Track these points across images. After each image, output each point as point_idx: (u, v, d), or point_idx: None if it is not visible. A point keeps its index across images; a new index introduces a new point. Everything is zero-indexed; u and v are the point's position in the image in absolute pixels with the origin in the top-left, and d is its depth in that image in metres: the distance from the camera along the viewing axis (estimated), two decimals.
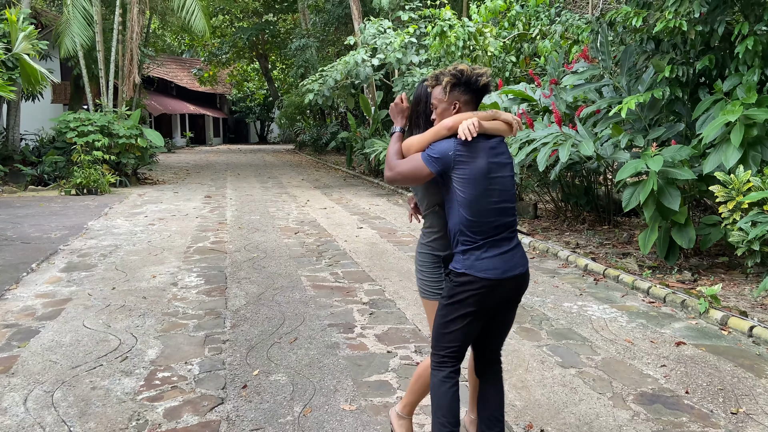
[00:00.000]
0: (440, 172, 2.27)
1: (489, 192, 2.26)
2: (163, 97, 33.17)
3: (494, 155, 2.30)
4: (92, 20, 12.97)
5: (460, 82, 2.33)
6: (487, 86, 2.37)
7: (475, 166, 2.25)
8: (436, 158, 2.26)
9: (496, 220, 2.28)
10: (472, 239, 2.27)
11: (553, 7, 11.02)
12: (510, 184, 2.34)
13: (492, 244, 2.27)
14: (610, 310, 4.75)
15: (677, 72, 5.96)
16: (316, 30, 22.26)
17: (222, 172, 17.71)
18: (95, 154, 11.82)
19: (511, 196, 2.33)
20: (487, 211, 2.26)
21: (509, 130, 2.37)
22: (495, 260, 2.27)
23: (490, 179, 2.26)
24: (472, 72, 2.34)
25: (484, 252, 2.27)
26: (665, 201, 5.48)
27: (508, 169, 2.34)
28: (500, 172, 2.30)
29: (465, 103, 2.36)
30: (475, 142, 2.26)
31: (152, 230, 7.96)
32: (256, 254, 6.58)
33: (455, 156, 2.25)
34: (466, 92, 2.35)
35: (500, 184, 2.29)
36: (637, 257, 6.43)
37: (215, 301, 4.84)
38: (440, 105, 2.37)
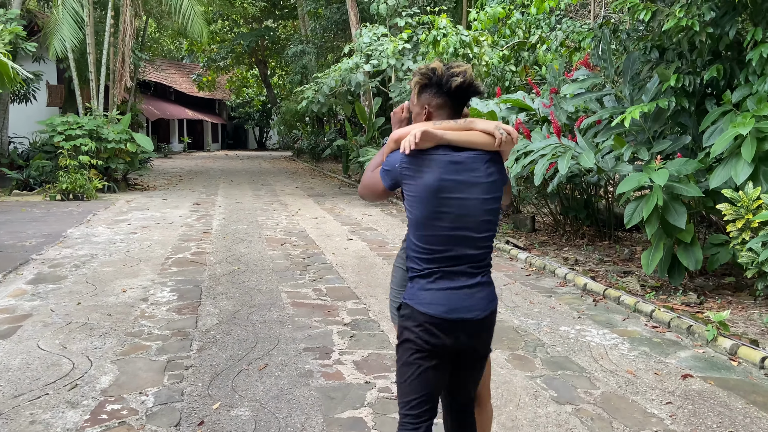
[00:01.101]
0: (392, 187, 1.96)
1: (439, 215, 1.87)
2: (161, 102, 32.89)
3: (455, 171, 1.88)
4: (83, 22, 12.69)
5: (431, 82, 1.96)
6: (462, 89, 1.94)
7: (421, 183, 1.87)
8: (387, 171, 1.95)
9: (450, 249, 1.88)
10: (419, 266, 1.91)
11: (553, 15, 10.75)
12: (476, 209, 1.90)
13: (444, 275, 1.89)
14: (611, 335, 4.41)
15: (683, 81, 5.64)
16: (315, 36, 22.02)
17: (215, 178, 17.39)
18: (82, 158, 11.50)
19: (477, 224, 1.89)
20: (436, 238, 1.88)
21: (491, 142, 1.92)
22: (442, 294, 1.88)
23: (440, 200, 1.87)
24: (444, 71, 1.94)
25: (430, 282, 1.89)
26: (670, 218, 5.16)
27: (477, 191, 1.89)
28: (461, 192, 1.88)
29: (437, 107, 1.97)
30: (426, 155, 1.88)
31: (132, 239, 7.62)
32: (237, 267, 6.24)
33: (401, 170, 1.91)
34: (438, 95, 1.96)
35: (458, 207, 1.87)
36: (639, 276, 6.10)
37: (185, 319, 4.50)
38: (413, 110, 2.04)
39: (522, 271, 6.45)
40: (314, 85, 12.24)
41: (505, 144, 1.92)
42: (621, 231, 8.30)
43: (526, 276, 6.20)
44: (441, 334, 1.87)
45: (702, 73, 5.74)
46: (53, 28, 12.13)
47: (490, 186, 1.90)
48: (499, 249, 7.41)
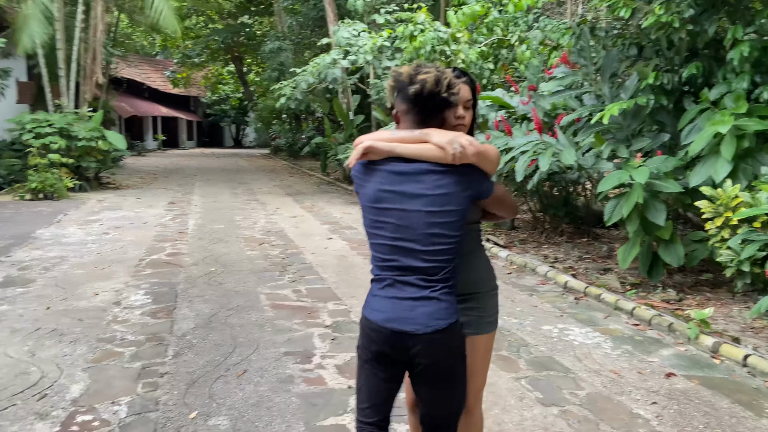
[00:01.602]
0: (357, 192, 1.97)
1: (378, 225, 1.85)
2: (135, 99, 32.29)
3: (398, 182, 1.82)
4: (53, 17, 12.34)
5: (398, 87, 1.88)
6: (420, 97, 1.82)
7: (364, 192, 1.88)
8: (353, 177, 1.96)
9: (393, 260, 1.83)
10: (374, 272, 1.91)
11: (531, 13, 10.75)
12: (418, 222, 1.80)
13: (394, 284, 1.83)
14: (593, 334, 4.39)
15: (662, 79, 5.65)
16: (292, 33, 21.80)
17: (191, 176, 17.11)
18: (52, 157, 11.18)
19: (421, 237, 1.80)
20: (380, 247, 1.86)
21: (442, 156, 1.80)
22: (386, 302, 1.83)
23: (378, 210, 1.84)
24: (408, 76, 1.84)
25: (380, 288, 1.86)
26: (650, 215, 5.16)
27: (420, 203, 1.80)
28: (400, 203, 1.81)
29: (403, 113, 1.89)
30: (374, 165, 1.86)
31: (105, 240, 7.42)
32: (214, 268, 6.10)
33: (355, 178, 1.93)
34: (402, 101, 1.88)
35: (397, 218, 1.81)
36: (618, 273, 6.11)
37: (160, 324, 4.36)
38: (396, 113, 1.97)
39: (503, 269, 6.42)
40: (292, 82, 12.08)
41: (460, 160, 1.79)
42: (599, 228, 8.33)
43: (508, 274, 6.17)
44: (379, 341, 1.83)
45: (680, 71, 5.76)
46: (22, 23, 11.77)
47: (436, 199, 1.79)
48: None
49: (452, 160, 1.78)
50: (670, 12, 5.29)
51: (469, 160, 1.80)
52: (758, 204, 4.36)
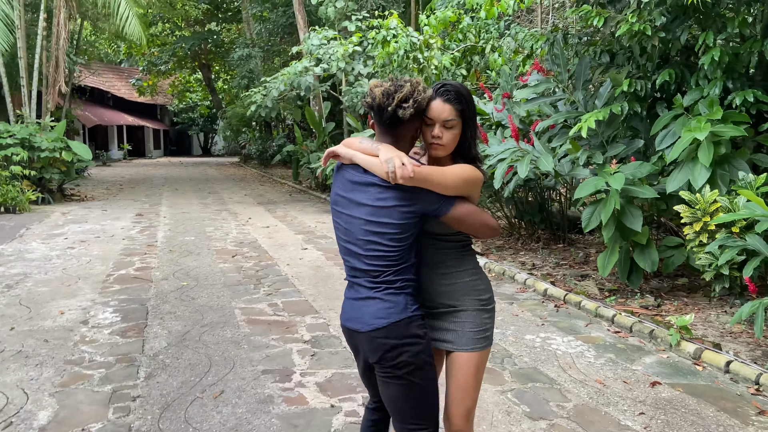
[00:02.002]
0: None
1: (335, 225, 2.04)
2: (99, 108, 31.61)
3: (350, 190, 1.97)
4: (14, 25, 11.95)
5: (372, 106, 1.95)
6: (372, 108, 1.93)
7: (331, 196, 2.08)
8: None
9: (347, 260, 2.01)
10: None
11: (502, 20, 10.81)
12: (358, 228, 1.93)
13: (351, 284, 2.02)
14: (576, 342, 4.35)
15: (635, 86, 5.70)
16: (261, 40, 21.58)
17: (159, 187, 16.74)
18: (13, 169, 10.79)
19: (360, 242, 1.93)
20: (339, 247, 2.04)
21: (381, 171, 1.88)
22: (345, 302, 2.04)
23: (335, 212, 2.03)
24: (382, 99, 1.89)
25: (346, 289, 2.06)
26: (626, 221, 5.18)
27: (362, 211, 1.92)
28: (349, 210, 1.96)
29: (379, 133, 1.99)
30: (341, 170, 2.02)
31: (70, 255, 7.14)
32: (186, 282, 5.91)
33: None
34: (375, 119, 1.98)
35: (345, 223, 1.98)
36: (596, 279, 6.12)
37: (130, 343, 4.17)
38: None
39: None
40: (262, 90, 11.91)
41: (393, 179, 1.84)
42: (574, 233, 8.38)
43: None
44: (346, 339, 2.06)
45: (653, 78, 5.81)
46: None
47: (377, 210, 1.90)
48: None
49: (386, 178, 1.86)
50: (643, 20, 5.33)
51: (400, 182, 1.84)
52: (736, 209, 4.39)
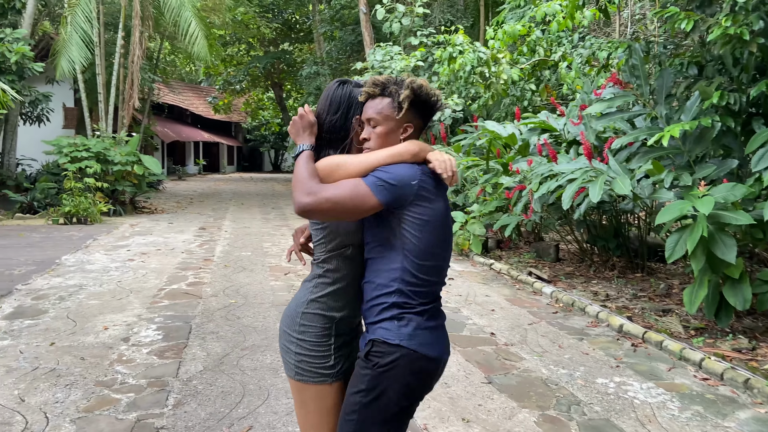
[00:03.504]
0: (391, 204, 1.70)
1: (445, 244, 1.79)
2: (178, 125, 32.90)
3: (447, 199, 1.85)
4: (93, 43, 12.46)
5: (419, 99, 1.81)
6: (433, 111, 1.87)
7: (437, 208, 1.75)
8: (391, 185, 1.68)
9: (441, 282, 1.81)
10: (413, 301, 1.73)
11: (576, 32, 10.25)
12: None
13: (433, 312, 1.77)
14: (657, 390, 3.78)
15: (728, 99, 5.07)
16: (330, 58, 21.78)
17: (226, 201, 17.01)
18: (87, 181, 11.15)
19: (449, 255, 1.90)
20: (436, 269, 1.76)
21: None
22: (436, 334, 1.77)
23: (446, 229, 1.78)
24: (430, 90, 1.83)
25: (426, 320, 1.75)
26: (717, 251, 4.55)
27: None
28: (450, 222, 1.85)
29: (417, 128, 1.85)
30: (440, 179, 1.77)
31: (128, 267, 7.15)
32: (234, 300, 5.71)
33: (419, 189, 1.71)
34: (419, 115, 1.83)
35: (448, 237, 1.82)
36: (680, 315, 5.46)
37: (166, 365, 3.96)
38: (384, 123, 1.79)
39: (548, 307, 5.84)
40: None
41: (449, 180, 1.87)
42: (654, 262, 7.66)
43: (553, 314, 5.59)
44: (433, 377, 1.78)
45: (748, 90, 5.17)
46: (61, 48, 11.91)
47: None
48: (521, 281, 6.81)
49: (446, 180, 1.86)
50: (738, 24, 4.74)
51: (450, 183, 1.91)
52: None
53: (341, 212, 1.69)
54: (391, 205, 1.68)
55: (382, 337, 1.70)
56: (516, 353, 4.42)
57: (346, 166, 1.73)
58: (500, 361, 4.25)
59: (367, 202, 1.66)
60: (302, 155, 1.79)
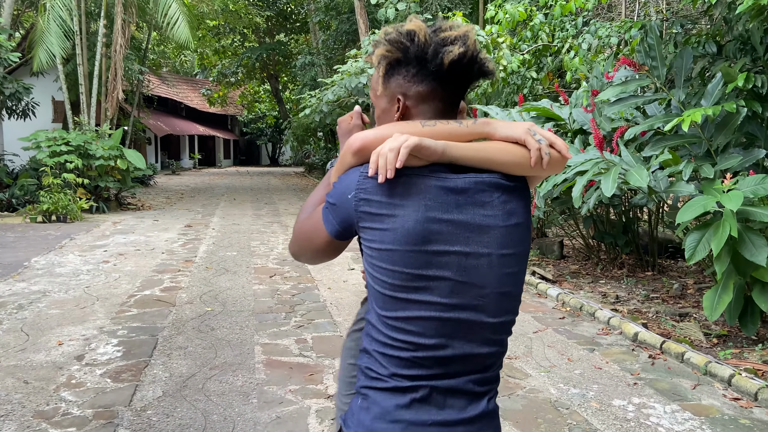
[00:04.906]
0: (340, 234, 1.15)
1: (425, 283, 1.07)
2: (172, 118, 32.30)
3: (454, 206, 1.07)
4: (72, 32, 11.90)
5: (408, 57, 1.15)
6: (462, 66, 1.12)
7: (394, 227, 1.07)
8: (332, 206, 1.15)
9: (439, 346, 1.08)
10: (384, 370, 1.09)
11: (580, 16, 9.70)
12: (490, 273, 1.09)
13: (426, 395, 1.07)
14: (682, 414, 3.29)
15: (754, 81, 4.55)
16: (325, 48, 21.21)
17: (218, 196, 16.49)
18: (67, 176, 10.63)
19: (492, 300, 1.10)
20: (420, 324, 1.07)
21: (523, 161, 1.11)
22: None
23: (428, 255, 1.07)
24: (430, 37, 1.13)
25: (401, 407, 1.07)
26: (746, 252, 4.05)
27: (490, 240, 1.09)
28: (464, 243, 1.07)
29: (420, 99, 1.16)
30: (405, 177, 1.07)
31: (100, 270, 6.64)
32: (211, 308, 5.21)
33: (356, 203, 1.10)
34: (420, 78, 1.15)
35: (458, 270, 1.07)
36: (698, 319, 4.97)
37: (120, 390, 3.46)
38: (377, 104, 1.23)
39: (554, 311, 5.34)
40: (318, 93, 11.31)
41: (551, 165, 1.12)
42: (664, 258, 7.16)
43: (560, 319, 5.10)
44: None
45: None
46: (39, 38, 11.35)
47: (509, 233, 1.10)
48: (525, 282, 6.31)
49: (535, 166, 1.12)
50: None
51: (557, 169, 1.15)
52: None
53: (307, 253, 1.23)
54: (340, 235, 1.15)
55: (341, 419, 1.17)
56: (521, 368, 3.93)
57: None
58: (503, 378, 3.75)
59: (320, 237, 1.18)
60: (327, 173, 1.30)
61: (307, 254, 1.23)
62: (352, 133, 1.29)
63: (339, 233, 1.14)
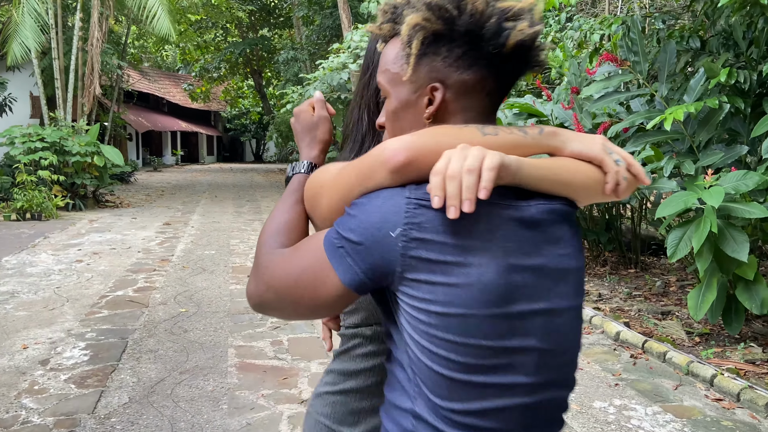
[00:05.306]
0: (363, 285, 0.81)
1: (504, 359, 0.79)
2: (154, 114, 31.88)
3: (533, 247, 0.81)
4: (47, 26, 11.62)
5: (455, 29, 0.82)
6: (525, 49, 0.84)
7: (468, 282, 0.76)
8: (355, 247, 0.79)
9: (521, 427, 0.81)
10: None
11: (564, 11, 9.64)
12: (571, 333, 0.86)
13: None
14: (664, 416, 3.22)
15: (737, 77, 4.50)
16: (309, 43, 21.00)
17: (200, 193, 16.27)
18: (42, 173, 10.38)
19: (569, 364, 0.87)
20: (495, 416, 0.80)
21: (597, 184, 0.88)
22: None
23: (509, 321, 0.78)
24: (484, 6, 0.82)
25: None
26: (727, 248, 4.00)
27: (567, 289, 0.84)
28: (545, 297, 0.81)
29: (461, 91, 0.85)
30: (486, 210, 0.77)
31: (73, 270, 6.46)
32: (185, 309, 5.07)
33: (404, 243, 0.77)
34: (466, 62, 0.83)
35: (542, 335, 0.81)
36: (680, 318, 4.93)
37: (84, 397, 3.32)
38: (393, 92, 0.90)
39: None
40: (301, 89, 11.14)
41: (624, 189, 0.89)
42: (647, 256, 7.14)
43: None
44: None
45: (759, 67, 4.61)
46: (13, 31, 11.06)
47: (581, 276, 0.87)
48: None
49: (608, 193, 0.89)
50: None
51: (626, 195, 0.91)
52: None
53: (304, 309, 0.86)
54: (363, 287, 0.81)
55: None
56: None
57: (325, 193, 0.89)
58: None
59: (325, 287, 0.82)
60: (290, 183, 1.01)
61: (297, 309, 0.86)
62: (319, 128, 1.08)
63: (362, 284, 0.80)
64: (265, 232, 0.93)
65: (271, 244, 0.90)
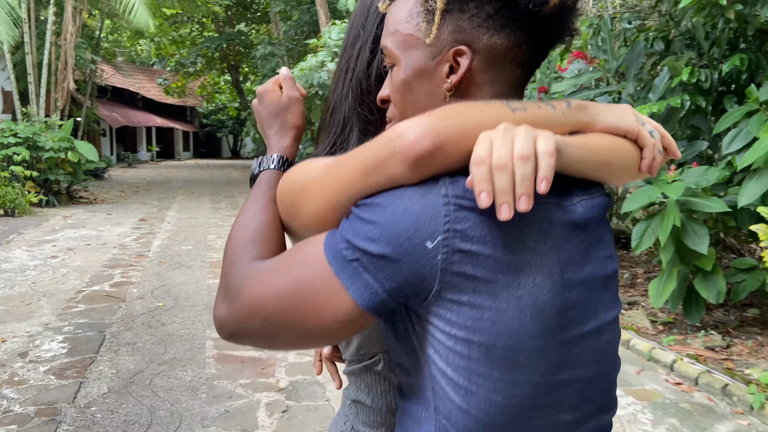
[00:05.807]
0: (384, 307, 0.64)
1: (552, 396, 0.66)
2: (128, 109, 31.49)
3: (583, 254, 0.67)
4: (20, 20, 11.46)
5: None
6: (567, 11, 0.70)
7: (520, 306, 0.62)
8: (373, 258, 0.62)
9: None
10: None
11: None
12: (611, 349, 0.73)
13: None
14: (626, 399, 3.39)
15: (698, 76, 4.69)
16: (286, 39, 20.96)
17: (176, 189, 16.17)
18: (14, 169, 10.25)
19: (612, 392, 0.76)
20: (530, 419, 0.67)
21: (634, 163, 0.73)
22: None
23: (562, 350, 0.66)
24: None
25: None
26: (689, 241, 4.19)
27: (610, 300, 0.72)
28: (593, 317, 0.69)
29: (492, 59, 0.69)
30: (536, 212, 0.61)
31: (48, 266, 6.44)
32: (162, 303, 5.11)
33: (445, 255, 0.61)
34: (497, 23, 0.67)
35: (588, 364, 0.69)
36: (646, 308, 5.12)
37: (64, 387, 3.37)
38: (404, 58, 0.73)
39: None
40: None
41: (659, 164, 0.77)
42: (617, 248, 7.35)
43: None
44: None
45: (719, 66, 4.81)
46: None
47: (617, 280, 0.76)
48: None
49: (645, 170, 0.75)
50: None
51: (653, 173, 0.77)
52: None
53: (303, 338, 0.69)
54: (383, 309, 0.65)
55: None
56: None
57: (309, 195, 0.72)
58: None
59: (333, 309, 0.65)
60: (258, 181, 0.85)
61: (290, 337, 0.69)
62: (290, 111, 0.88)
63: (383, 305, 0.64)
64: (234, 242, 0.76)
65: (246, 256, 0.72)
